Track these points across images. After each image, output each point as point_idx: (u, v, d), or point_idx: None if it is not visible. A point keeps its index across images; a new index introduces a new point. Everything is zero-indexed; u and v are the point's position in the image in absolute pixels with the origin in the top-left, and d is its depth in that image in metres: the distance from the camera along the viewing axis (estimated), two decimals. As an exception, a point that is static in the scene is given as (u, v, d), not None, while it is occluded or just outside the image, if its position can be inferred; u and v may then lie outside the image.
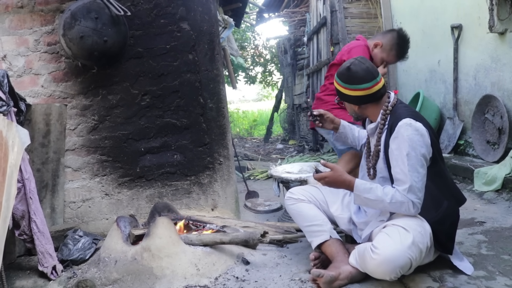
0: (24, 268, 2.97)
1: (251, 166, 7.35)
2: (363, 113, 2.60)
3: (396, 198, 2.27)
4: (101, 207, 3.59)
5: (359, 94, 2.47)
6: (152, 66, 3.55)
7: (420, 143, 2.30)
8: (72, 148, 3.52)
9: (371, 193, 2.31)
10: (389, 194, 2.28)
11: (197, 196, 3.66)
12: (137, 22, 3.50)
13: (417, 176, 2.27)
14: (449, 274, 2.44)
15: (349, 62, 2.50)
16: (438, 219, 2.39)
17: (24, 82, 3.44)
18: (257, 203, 4.58)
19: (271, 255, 2.99)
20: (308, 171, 3.95)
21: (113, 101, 3.54)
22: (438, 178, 2.45)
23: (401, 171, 2.29)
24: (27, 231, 2.81)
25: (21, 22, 3.42)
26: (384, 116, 2.49)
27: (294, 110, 11.94)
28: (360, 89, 2.46)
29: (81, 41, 3.16)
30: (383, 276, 2.23)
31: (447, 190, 2.49)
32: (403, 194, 2.26)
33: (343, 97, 2.56)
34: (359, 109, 2.56)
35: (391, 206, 2.29)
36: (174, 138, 3.61)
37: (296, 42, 11.57)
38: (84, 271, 2.86)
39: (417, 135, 2.31)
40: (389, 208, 2.33)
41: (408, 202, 2.25)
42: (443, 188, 2.47)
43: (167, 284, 2.60)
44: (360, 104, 2.53)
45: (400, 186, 2.29)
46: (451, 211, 2.46)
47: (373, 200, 2.32)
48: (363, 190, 2.34)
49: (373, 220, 2.52)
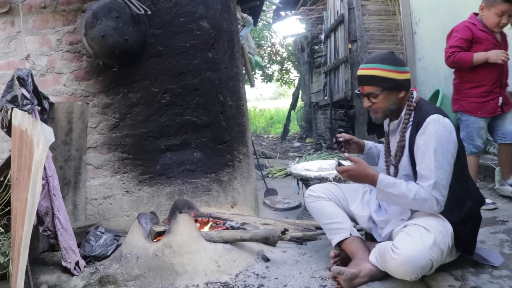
0: (48, 263, 3.03)
1: (269, 164, 7.36)
2: (402, 104, 2.49)
3: (420, 194, 2.24)
4: (122, 204, 3.63)
5: (407, 77, 2.45)
6: (172, 64, 3.58)
7: (448, 140, 2.27)
8: (93, 146, 3.56)
9: (395, 188, 2.29)
10: (413, 190, 2.26)
11: (217, 193, 3.68)
12: (157, 21, 3.53)
13: (443, 173, 2.24)
14: (471, 273, 2.41)
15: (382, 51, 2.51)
16: (461, 219, 2.36)
17: (47, 81, 3.49)
18: (276, 201, 4.59)
19: (290, 252, 3.00)
20: (327, 168, 3.94)
21: (133, 99, 3.57)
22: (461, 177, 2.41)
23: (427, 167, 2.26)
24: (51, 227, 2.87)
25: (44, 22, 3.48)
26: (409, 111, 2.46)
27: (311, 108, 11.91)
28: (407, 71, 2.46)
29: (102, 40, 3.20)
30: (403, 276, 2.22)
31: (469, 190, 2.46)
32: (427, 191, 2.23)
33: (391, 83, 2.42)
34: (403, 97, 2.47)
35: (414, 203, 2.27)
36: (194, 136, 3.63)
37: (313, 40, 11.53)
38: (106, 267, 2.90)
39: (446, 131, 2.28)
40: (412, 205, 2.30)
41: (432, 199, 2.23)
42: (466, 188, 2.44)
43: (188, 280, 2.62)
44: (407, 89, 2.47)
45: (424, 183, 2.26)
46: (474, 211, 2.44)
47: (396, 195, 2.29)
48: (387, 184, 2.31)
49: (393, 218, 2.51)
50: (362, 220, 2.75)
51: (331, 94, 9.43)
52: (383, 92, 2.43)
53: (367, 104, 2.47)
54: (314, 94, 11.59)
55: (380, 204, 2.68)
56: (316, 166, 4.09)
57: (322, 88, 10.41)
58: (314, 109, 11.68)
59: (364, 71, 2.46)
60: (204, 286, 2.57)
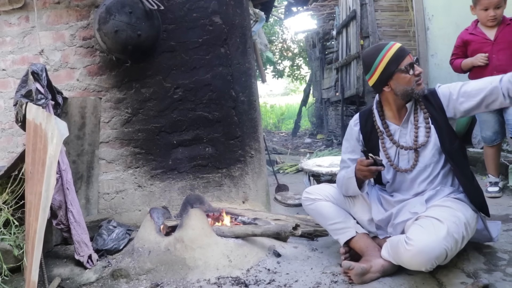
0: (61, 256, 3.05)
1: (280, 160, 7.36)
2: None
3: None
4: (134, 198, 3.65)
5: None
6: (184, 59, 3.59)
7: None
8: (106, 141, 3.59)
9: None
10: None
11: (228, 188, 3.69)
12: (170, 16, 3.54)
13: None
14: (484, 270, 2.40)
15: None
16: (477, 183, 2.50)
17: (61, 76, 3.52)
18: (287, 197, 4.59)
19: (302, 248, 3.00)
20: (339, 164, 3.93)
21: (146, 94, 3.59)
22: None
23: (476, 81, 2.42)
24: (64, 221, 2.89)
25: (58, 17, 3.50)
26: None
27: (322, 104, 11.88)
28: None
29: (115, 35, 3.21)
30: (418, 267, 2.21)
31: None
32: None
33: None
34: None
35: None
36: (206, 131, 3.64)
37: (324, 36, 11.49)
38: (118, 260, 2.93)
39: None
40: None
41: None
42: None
43: (199, 275, 2.63)
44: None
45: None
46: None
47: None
48: None
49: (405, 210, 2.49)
50: (362, 223, 2.71)
51: (343, 90, 9.40)
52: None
53: (420, 69, 2.44)
54: (325, 90, 11.55)
55: (381, 203, 2.65)
56: (328, 162, 4.08)
57: (333, 84, 10.37)
58: (325, 105, 11.65)
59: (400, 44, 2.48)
60: (215, 280, 2.58)
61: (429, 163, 2.47)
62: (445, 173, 2.50)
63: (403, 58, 2.41)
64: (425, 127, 2.48)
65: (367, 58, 2.52)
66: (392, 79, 2.43)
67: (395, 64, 2.41)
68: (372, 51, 2.50)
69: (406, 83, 2.42)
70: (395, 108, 2.53)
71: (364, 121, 2.67)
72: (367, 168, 2.39)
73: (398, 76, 2.42)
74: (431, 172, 2.48)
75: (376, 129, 2.61)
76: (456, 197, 2.43)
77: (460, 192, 2.48)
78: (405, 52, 2.42)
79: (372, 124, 2.63)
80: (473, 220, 2.39)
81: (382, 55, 2.44)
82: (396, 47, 2.43)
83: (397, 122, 2.56)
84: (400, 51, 2.42)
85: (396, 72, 2.41)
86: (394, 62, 2.41)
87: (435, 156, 2.46)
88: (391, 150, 2.58)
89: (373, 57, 2.47)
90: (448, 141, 2.43)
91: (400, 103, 2.50)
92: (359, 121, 2.70)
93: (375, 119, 2.62)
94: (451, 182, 2.52)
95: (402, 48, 2.44)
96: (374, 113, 2.63)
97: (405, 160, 2.54)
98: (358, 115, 2.73)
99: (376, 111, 2.62)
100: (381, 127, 2.59)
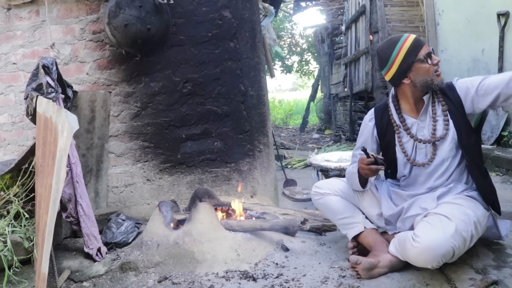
0: (70, 249, 3.08)
1: (288, 155, 7.36)
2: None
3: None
4: (142, 192, 3.67)
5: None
6: (193, 53, 3.59)
7: None
8: (115, 134, 3.60)
9: None
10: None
11: (237, 183, 3.69)
12: (179, 10, 3.54)
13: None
14: (493, 266, 2.39)
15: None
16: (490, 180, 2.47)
17: (71, 69, 3.53)
18: (295, 191, 4.59)
19: (310, 242, 3.00)
20: (347, 159, 3.93)
21: (155, 88, 3.60)
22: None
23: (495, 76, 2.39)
24: (74, 213, 2.91)
25: (68, 11, 3.51)
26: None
27: (331, 100, 11.85)
28: None
29: (125, 29, 3.22)
30: (424, 264, 2.21)
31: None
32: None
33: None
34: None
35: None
36: (215, 125, 3.64)
37: (333, 31, 11.45)
38: (127, 253, 2.94)
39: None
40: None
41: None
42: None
43: (208, 268, 2.64)
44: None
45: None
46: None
47: None
48: None
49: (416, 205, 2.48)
50: (371, 218, 2.71)
51: (351, 85, 9.38)
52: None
53: (438, 58, 2.44)
54: (333, 86, 11.53)
55: (391, 198, 2.64)
56: (336, 157, 4.07)
57: (342, 80, 10.34)
58: (333, 101, 11.62)
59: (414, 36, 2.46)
60: (223, 274, 2.59)
61: (447, 157, 2.45)
62: (460, 170, 2.49)
63: (421, 48, 2.38)
64: (443, 120, 2.45)
65: (382, 52, 2.49)
66: (411, 70, 2.41)
67: (413, 54, 2.38)
68: (387, 45, 2.47)
69: (426, 73, 2.39)
70: (413, 101, 2.51)
71: (379, 116, 2.65)
72: (368, 167, 2.39)
73: (417, 67, 2.39)
74: (448, 167, 2.46)
75: (392, 123, 2.59)
76: (468, 195, 2.41)
77: (473, 189, 2.46)
78: (422, 42, 2.41)
79: (388, 119, 2.61)
80: (484, 218, 2.37)
81: (398, 48, 2.41)
82: (412, 38, 2.41)
83: (415, 116, 2.53)
84: (417, 41, 2.40)
85: (415, 63, 2.39)
86: (412, 53, 2.38)
87: (453, 150, 2.44)
88: (408, 144, 2.56)
89: (389, 51, 2.44)
90: (465, 135, 2.41)
91: (418, 95, 2.48)
92: (374, 116, 2.68)
93: (391, 113, 2.59)
94: (466, 180, 2.50)
95: (418, 38, 2.42)
96: (390, 107, 2.60)
97: (422, 154, 2.51)
98: (373, 110, 2.71)
99: (392, 105, 2.59)
100: (398, 121, 2.57)
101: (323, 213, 2.91)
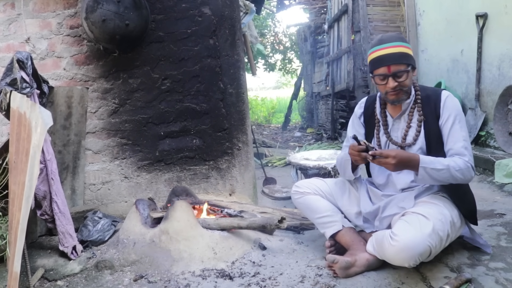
0: (45, 247, 3.03)
1: (269, 153, 7.36)
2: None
3: (459, 165, 2.27)
4: (120, 189, 3.63)
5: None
6: (173, 50, 3.56)
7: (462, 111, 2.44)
8: (92, 131, 3.56)
9: (437, 163, 2.27)
10: (454, 161, 2.28)
11: (215, 181, 3.68)
12: (158, 6, 3.51)
13: (468, 140, 2.39)
14: (467, 264, 2.41)
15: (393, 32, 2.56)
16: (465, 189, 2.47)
17: (47, 64, 3.48)
18: (275, 190, 4.59)
19: (287, 241, 3.00)
20: (326, 158, 3.94)
21: (133, 85, 3.56)
22: None
23: (461, 137, 2.36)
24: (49, 211, 2.87)
25: (45, 5, 3.45)
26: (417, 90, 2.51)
27: (313, 98, 11.89)
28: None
29: (103, 25, 3.18)
30: (401, 263, 2.22)
31: None
32: (464, 160, 2.29)
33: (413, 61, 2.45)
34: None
35: (458, 174, 2.26)
36: (194, 123, 3.62)
37: (316, 30, 11.49)
38: (103, 252, 2.91)
39: (459, 104, 2.45)
40: (455, 177, 2.27)
41: (468, 167, 2.29)
42: None
43: (184, 267, 2.62)
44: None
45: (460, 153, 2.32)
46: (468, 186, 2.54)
47: (440, 169, 2.25)
48: (430, 162, 2.27)
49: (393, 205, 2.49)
50: (350, 216, 2.72)
51: (333, 84, 9.41)
52: (409, 70, 2.39)
53: (392, 84, 2.36)
54: (316, 84, 11.56)
55: (370, 198, 2.67)
56: (316, 155, 4.08)
57: (324, 78, 10.38)
58: (315, 99, 11.67)
59: (392, 49, 2.37)
60: (200, 273, 2.57)
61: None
62: None
63: (378, 68, 2.40)
64: (416, 129, 2.48)
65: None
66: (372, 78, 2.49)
67: (371, 68, 2.46)
68: (371, 44, 2.51)
69: (379, 89, 2.47)
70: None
71: (368, 105, 2.71)
72: (358, 154, 2.39)
73: (375, 79, 2.45)
74: None
75: (375, 115, 2.64)
76: (444, 195, 2.45)
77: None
78: (383, 63, 2.36)
79: (373, 110, 2.66)
80: (459, 219, 2.40)
81: (369, 53, 2.49)
82: (378, 54, 2.39)
83: (394, 115, 2.57)
84: (379, 61, 2.39)
85: (373, 75, 2.46)
86: (370, 65, 2.47)
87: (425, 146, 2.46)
88: (383, 139, 2.61)
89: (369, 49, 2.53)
90: (435, 148, 2.43)
91: None
92: (364, 103, 2.74)
93: (376, 106, 2.64)
94: None
95: (382, 58, 2.38)
96: (377, 100, 2.65)
97: None
98: (366, 98, 2.78)
99: (378, 98, 2.63)
100: (379, 115, 2.61)
101: (302, 212, 2.92)
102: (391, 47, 2.37)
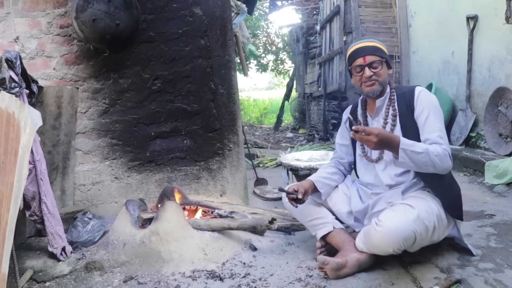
0: (34, 248, 3.00)
1: (260, 153, 7.35)
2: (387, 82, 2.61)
3: (438, 150, 2.28)
4: (110, 190, 3.60)
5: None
6: (163, 50, 3.55)
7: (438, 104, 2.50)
8: (83, 131, 3.53)
9: (417, 146, 2.27)
10: (432, 147, 2.30)
11: (206, 181, 3.67)
12: (149, 6, 3.49)
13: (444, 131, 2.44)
14: (457, 265, 2.43)
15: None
16: (449, 182, 2.52)
17: (37, 64, 3.44)
18: (266, 190, 4.58)
19: (278, 242, 3.00)
20: (317, 159, 3.94)
21: (124, 85, 3.54)
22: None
23: (436, 127, 2.39)
24: (38, 212, 2.84)
25: (34, 4, 3.42)
26: (393, 89, 2.60)
27: (305, 99, 11.89)
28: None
29: (93, 24, 3.16)
30: (386, 248, 2.27)
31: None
32: (443, 148, 2.31)
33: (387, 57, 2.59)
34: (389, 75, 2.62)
35: (436, 159, 2.26)
36: (185, 123, 3.61)
37: (308, 31, 11.49)
38: (93, 253, 2.89)
39: (434, 97, 2.52)
40: (434, 162, 2.26)
41: (446, 155, 2.30)
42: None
43: (174, 268, 2.61)
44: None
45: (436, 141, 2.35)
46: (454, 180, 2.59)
47: (419, 152, 2.24)
48: (411, 144, 2.27)
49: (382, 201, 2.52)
50: (341, 216, 2.76)
51: (325, 85, 9.42)
52: (383, 63, 2.54)
53: (368, 74, 2.50)
54: (308, 85, 11.57)
55: (360, 196, 2.71)
56: (307, 156, 4.08)
57: (316, 79, 10.39)
58: (307, 100, 11.67)
59: (367, 43, 2.56)
60: (190, 274, 2.56)
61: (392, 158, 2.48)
62: None
63: (354, 60, 2.55)
64: (391, 124, 2.55)
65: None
66: (351, 75, 2.64)
67: (349, 63, 2.60)
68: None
69: (355, 82, 2.60)
70: (369, 101, 2.67)
71: (352, 110, 2.80)
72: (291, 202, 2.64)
73: (352, 74, 2.60)
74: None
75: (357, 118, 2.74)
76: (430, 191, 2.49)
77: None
78: (359, 54, 2.53)
79: (357, 114, 2.76)
80: (446, 216, 2.44)
81: (347, 50, 2.66)
82: (354, 48, 2.58)
83: (372, 114, 2.66)
84: (355, 53, 2.56)
85: (351, 70, 2.61)
86: (348, 60, 2.61)
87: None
88: None
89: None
90: None
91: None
92: (350, 110, 2.83)
93: (358, 109, 2.75)
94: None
95: (358, 50, 2.55)
96: (359, 103, 2.76)
97: (376, 152, 2.61)
98: (351, 105, 2.88)
99: (360, 101, 2.75)
100: (360, 116, 2.72)
101: (293, 215, 2.93)
102: (365, 42, 2.58)
